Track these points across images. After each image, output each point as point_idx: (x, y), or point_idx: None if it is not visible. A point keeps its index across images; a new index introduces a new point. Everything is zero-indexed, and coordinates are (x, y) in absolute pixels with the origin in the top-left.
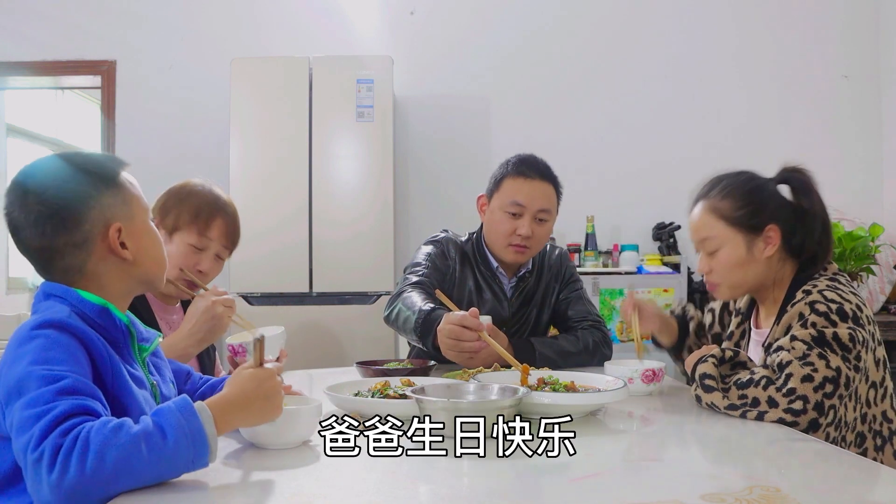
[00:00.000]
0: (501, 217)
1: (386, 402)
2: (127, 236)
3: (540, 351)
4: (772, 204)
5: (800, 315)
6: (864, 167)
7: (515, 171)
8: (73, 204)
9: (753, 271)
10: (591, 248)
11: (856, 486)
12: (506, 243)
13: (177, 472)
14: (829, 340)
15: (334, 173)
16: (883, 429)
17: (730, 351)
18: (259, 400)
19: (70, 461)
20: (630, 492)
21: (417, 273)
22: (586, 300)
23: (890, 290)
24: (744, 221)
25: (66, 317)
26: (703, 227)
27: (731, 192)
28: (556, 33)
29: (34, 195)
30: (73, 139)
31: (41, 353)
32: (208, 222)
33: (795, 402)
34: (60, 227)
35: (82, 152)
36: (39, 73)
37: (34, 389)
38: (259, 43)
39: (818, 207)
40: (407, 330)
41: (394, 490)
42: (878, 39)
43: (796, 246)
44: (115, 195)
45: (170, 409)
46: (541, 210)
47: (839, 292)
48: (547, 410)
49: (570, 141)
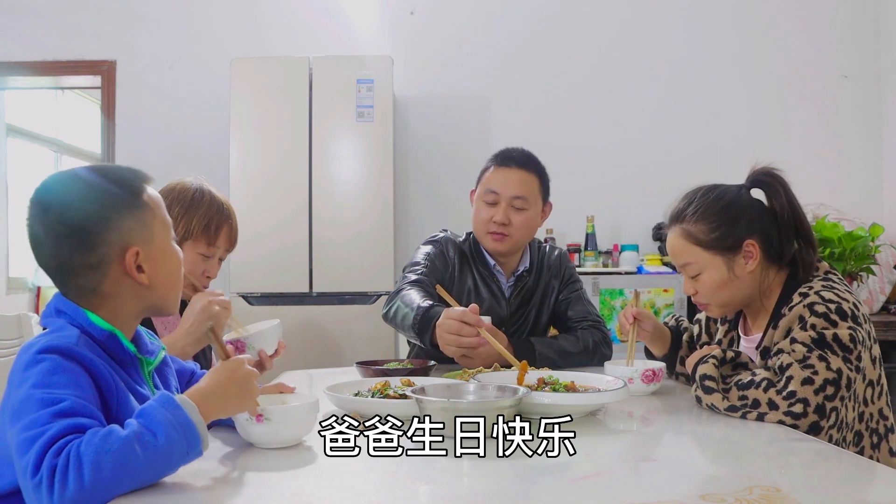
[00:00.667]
0: (480, 206)
1: (386, 402)
2: (145, 259)
3: (540, 351)
4: (745, 218)
5: (800, 318)
6: (864, 167)
7: (495, 161)
8: (92, 226)
9: (739, 288)
10: (591, 248)
11: (856, 486)
12: (484, 231)
13: (174, 465)
14: (829, 342)
15: (334, 173)
16: (879, 426)
17: (731, 352)
18: (233, 387)
19: (67, 478)
20: (630, 492)
21: (416, 272)
22: (586, 300)
23: (890, 290)
24: (720, 243)
25: (73, 343)
26: (681, 254)
27: (703, 214)
28: (557, 33)
29: (54, 213)
30: (73, 139)
31: (44, 377)
32: (217, 233)
33: (796, 406)
34: (77, 247)
35: (107, 167)
36: (39, 73)
37: (34, 412)
38: (259, 43)
39: (792, 208)
40: (405, 327)
41: (394, 490)
42: (878, 39)
43: (777, 252)
44: (135, 217)
45: (153, 407)
46: (515, 197)
47: (835, 291)
48: (547, 410)
49: (571, 141)
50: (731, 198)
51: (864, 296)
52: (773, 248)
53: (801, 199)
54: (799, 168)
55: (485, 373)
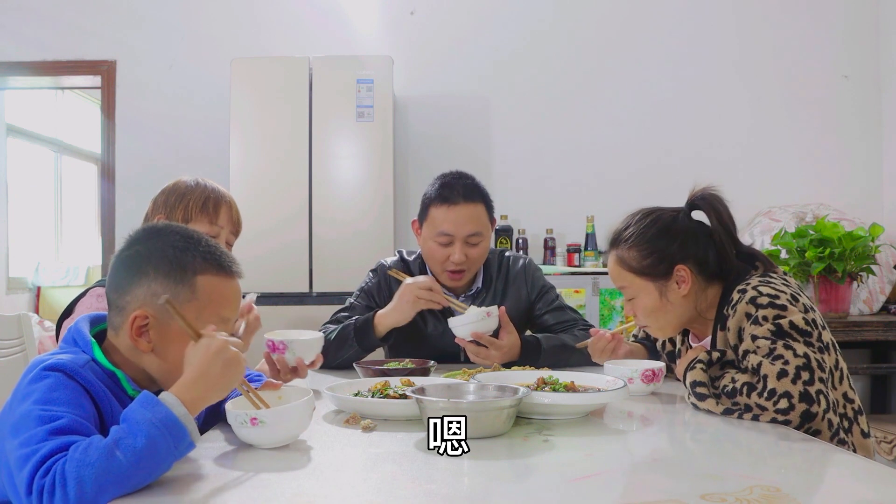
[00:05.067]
0: (433, 246)
1: (386, 402)
2: (155, 330)
3: (545, 346)
4: (676, 245)
5: (747, 314)
6: (864, 167)
7: (439, 197)
8: (130, 272)
9: (674, 311)
10: (591, 248)
11: (856, 486)
12: (441, 269)
13: (165, 463)
14: (787, 330)
15: (334, 173)
16: (847, 410)
17: (716, 352)
18: (215, 366)
19: (54, 497)
20: (630, 492)
21: (343, 317)
22: (568, 308)
23: (890, 290)
24: (651, 270)
25: (79, 366)
26: (616, 278)
27: (636, 241)
28: (557, 33)
29: (127, 244)
30: (73, 139)
31: (46, 393)
32: (216, 209)
33: (780, 402)
34: (116, 283)
35: (202, 239)
36: (39, 73)
37: (31, 428)
38: (259, 43)
39: (722, 233)
40: (346, 340)
41: (394, 490)
42: (878, 39)
43: (713, 272)
44: (169, 289)
45: (133, 409)
46: (470, 235)
47: (772, 285)
48: (547, 410)
49: (571, 141)
50: (664, 224)
51: (863, 296)
52: (708, 268)
53: (801, 198)
54: (799, 168)
55: (485, 373)
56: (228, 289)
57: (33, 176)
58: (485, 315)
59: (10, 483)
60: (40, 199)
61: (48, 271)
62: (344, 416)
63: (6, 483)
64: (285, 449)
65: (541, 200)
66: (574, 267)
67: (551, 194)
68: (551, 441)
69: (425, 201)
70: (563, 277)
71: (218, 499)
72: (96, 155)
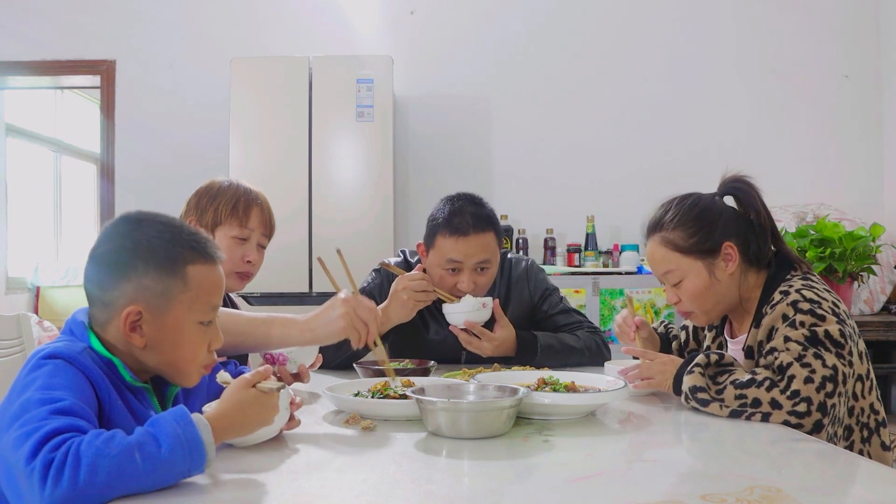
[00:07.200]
0: (441, 273)
1: (386, 403)
2: (148, 323)
3: (543, 343)
4: (721, 221)
5: (783, 316)
6: (864, 167)
7: (448, 227)
8: (116, 267)
9: (721, 292)
10: (591, 248)
11: (856, 486)
12: (450, 293)
13: (173, 479)
14: (821, 339)
15: (334, 173)
16: (870, 420)
17: (714, 354)
18: (253, 412)
19: (62, 475)
20: (630, 492)
21: None
22: (574, 310)
23: (890, 290)
24: (699, 247)
25: (77, 353)
26: (661, 262)
27: (680, 221)
28: (557, 33)
29: (105, 238)
30: (72, 139)
31: (46, 379)
32: (247, 212)
33: (800, 405)
34: (98, 280)
35: (182, 225)
36: (39, 72)
37: (32, 409)
38: (259, 43)
39: (764, 215)
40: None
41: (394, 490)
42: (878, 39)
43: (754, 255)
44: (160, 281)
45: (165, 419)
46: (479, 262)
47: (815, 290)
48: (547, 410)
49: (571, 140)
50: (706, 204)
51: (864, 296)
52: (750, 250)
53: (802, 199)
54: (799, 168)
55: (485, 373)
56: (216, 276)
57: (33, 176)
58: (480, 305)
59: (8, 481)
60: (40, 199)
61: (47, 271)
62: (344, 417)
63: (3, 481)
64: (285, 449)
65: (541, 200)
66: (574, 267)
67: (551, 194)
68: (551, 441)
69: (432, 228)
70: (563, 277)
71: (217, 499)
72: (96, 155)
